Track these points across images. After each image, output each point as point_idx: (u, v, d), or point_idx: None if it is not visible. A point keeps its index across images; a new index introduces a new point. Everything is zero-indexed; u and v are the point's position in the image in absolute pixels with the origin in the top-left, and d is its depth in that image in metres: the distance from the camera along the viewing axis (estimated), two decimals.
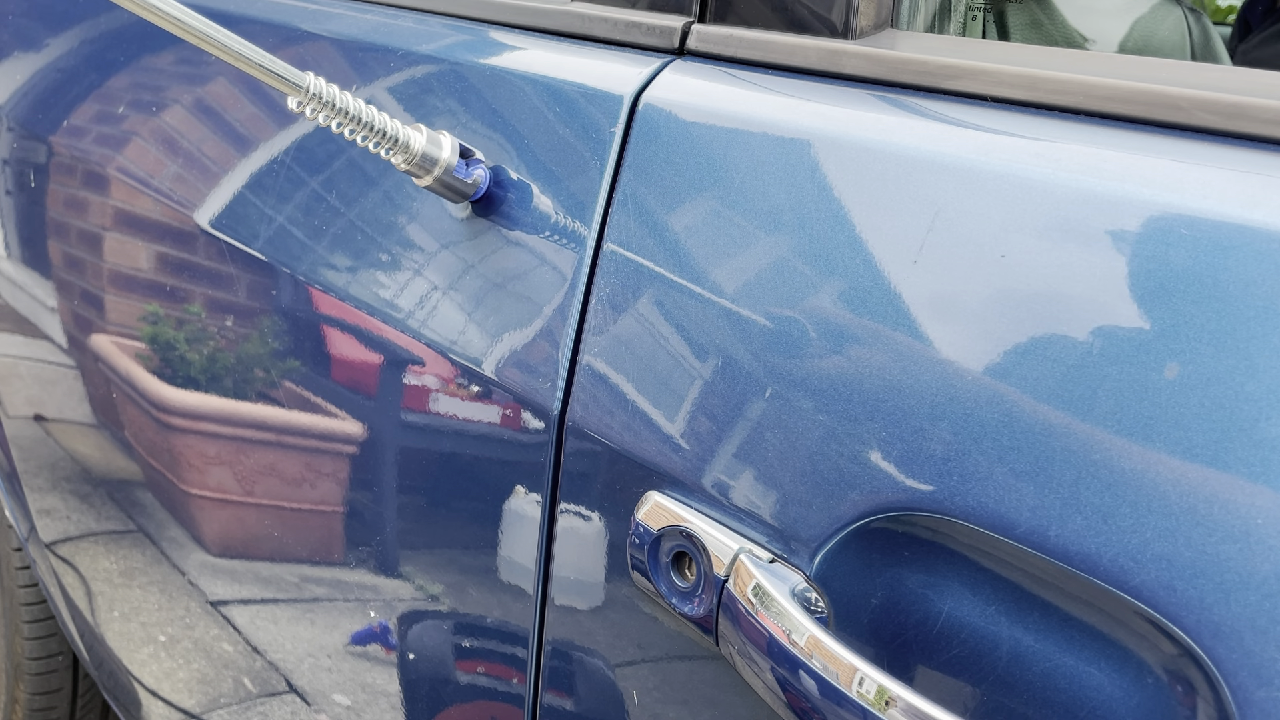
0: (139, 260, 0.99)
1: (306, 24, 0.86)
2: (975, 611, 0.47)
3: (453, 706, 0.72)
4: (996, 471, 0.45)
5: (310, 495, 0.81)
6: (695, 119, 0.60)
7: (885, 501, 0.48)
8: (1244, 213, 0.42)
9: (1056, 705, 0.44)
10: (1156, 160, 0.46)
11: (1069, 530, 0.42)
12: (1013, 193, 0.47)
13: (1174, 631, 0.40)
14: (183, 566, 0.98)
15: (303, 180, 0.81)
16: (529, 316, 0.64)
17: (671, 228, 0.59)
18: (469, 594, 0.70)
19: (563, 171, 0.65)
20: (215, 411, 0.89)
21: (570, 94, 0.66)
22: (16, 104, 1.17)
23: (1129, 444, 0.42)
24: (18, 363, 1.23)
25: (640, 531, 0.56)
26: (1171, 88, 0.48)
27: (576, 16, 0.72)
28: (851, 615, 0.50)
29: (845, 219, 0.52)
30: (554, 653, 0.64)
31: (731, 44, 0.64)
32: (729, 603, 0.52)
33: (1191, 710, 0.41)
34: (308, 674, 0.85)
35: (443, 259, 0.71)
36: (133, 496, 1.05)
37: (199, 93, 0.94)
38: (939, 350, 0.47)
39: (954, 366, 0.47)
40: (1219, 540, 0.39)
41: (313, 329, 0.80)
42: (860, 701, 0.45)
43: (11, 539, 1.43)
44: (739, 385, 0.54)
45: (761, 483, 0.53)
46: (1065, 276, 0.45)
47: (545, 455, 0.63)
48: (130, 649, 1.12)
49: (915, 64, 0.56)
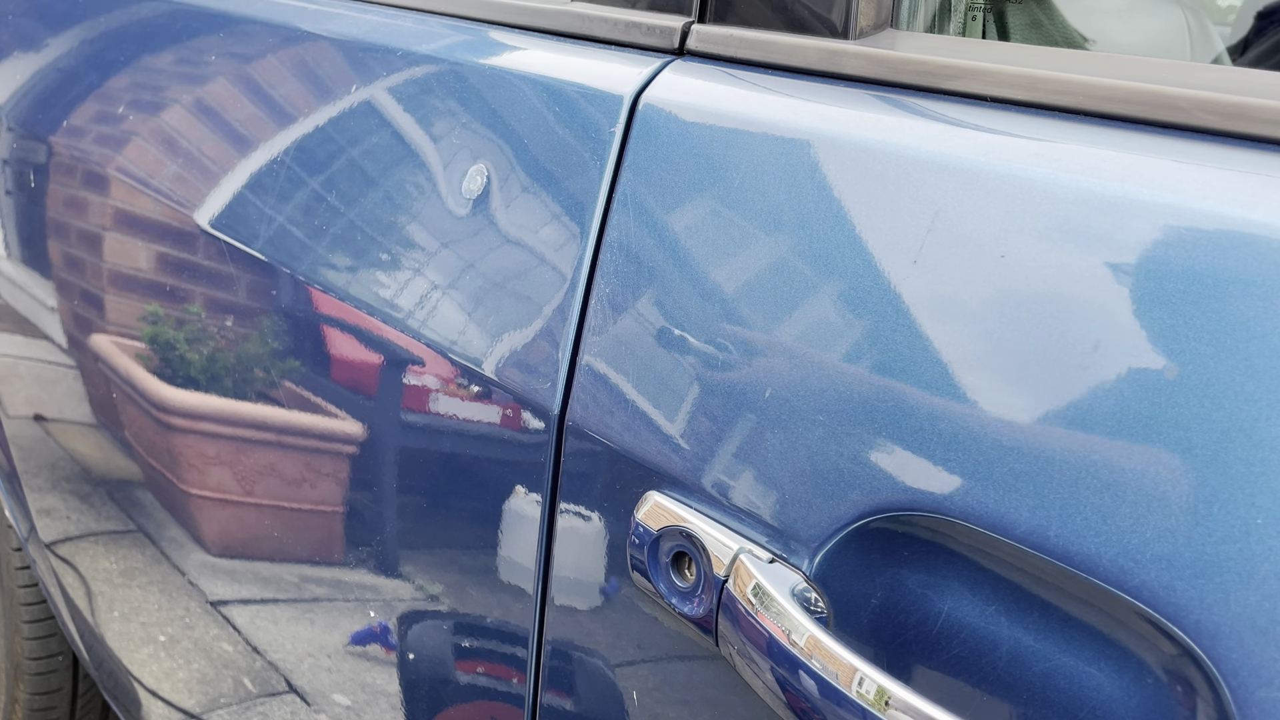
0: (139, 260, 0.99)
1: (306, 24, 0.86)
2: (975, 611, 0.47)
3: (453, 706, 0.72)
4: (996, 471, 0.45)
5: (310, 495, 0.81)
6: (695, 119, 0.60)
7: (885, 501, 0.48)
8: (1244, 213, 0.42)
9: (1056, 705, 0.44)
10: (1156, 160, 0.46)
11: (1069, 530, 0.42)
12: (1012, 193, 0.47)
13: (1174, 631, 0.40)
14: (183, 566, 0.98)
15: (303, 180, 0.81)
16: (529, 316, 0.64)
17: (671, 228, 0.59)
18: (469, 594, 0.70)
19: (562, 171, 0.65)
20: (215, 411, 0.89)
21: (570, 94, 0.66)
22: (16, 104, 1.17)
23: (1129, 444, 0.42)
24: (18, 363, 1.23)
25: (640, 531, 0.56)
26: (1171, 88, 0.48)
27: (576, 16, 0.72)
28: (851, 615, 0.50)
29: (845, 219, 0.52)
30: (554, 653, 0.64)
31: (731, 44, 0.64)
32: (729, 603, 0.52)
33: (1191, 710, 0.41)
34: (308, 674, 0.85)
35: (443, 259, 0.71)
36: (133, 496, 1.05)
37: (199, 93, 0.94)
38: (939, 350, 0.47)
39: (954, 366, 0.47)
40: (1219, 540, 0.39)
41: (313, 329, 0.80)
42: (860, 701, 0.45)
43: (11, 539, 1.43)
44: (739, 385, 0.54)
45: (761, 483, 0.53)
46: (1065, 277, 0.45)
47: (545, 455, 0.63)
48: (130, 649, 1.12)
49: (915, 64, 0.56)
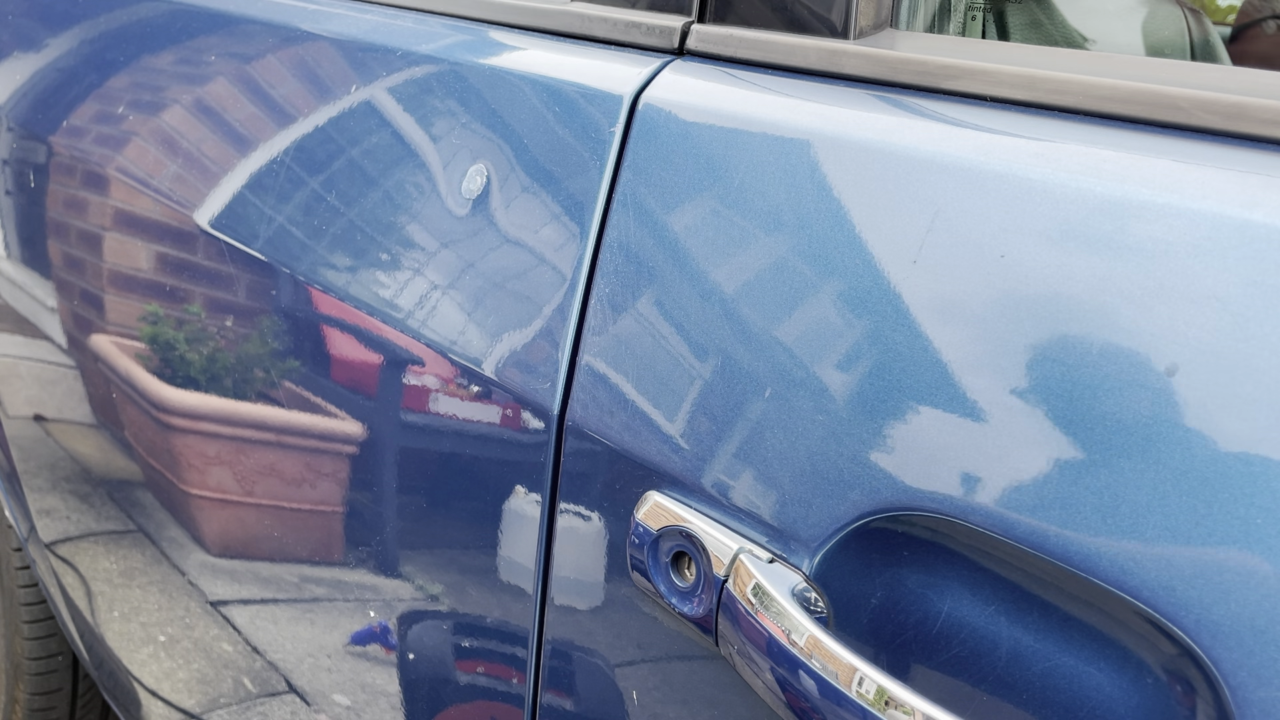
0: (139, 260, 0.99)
1: (306, 24, 0.86)
2: (975, 611, 0.47)
3: (453, 706, 0.72)
4: (996, 471, 0.45)
5: (310, 495, 0.81)
6: (695, 119, 0.60)
7: (885, 501, 0.48)
8: (1244, 213, 0.42)
9: (1056, 705, 0.44)
10: (1156, 160, 0.46)
11: (1069, 530, 0.42)
12: (1012, 193, 0.47)
13: (1174, 631, 0.40)
14: (183, 566, 0.98)
15: (303, 180, 0.81)
16: (529, 316, 0.64)
17: (671, 228, 0.59)
18: (469, 594, 0.70)
19: (562, 171, 0.65)
20: (215, 411, 0.89)
21: (570, 94, 0.66)
22: (16, 104, 1.17)
23: (1129, 444, 0.42)
24: (18, 363, 1.23)
25: (640, 531, 0.56)
26: (1171, 88, 0.48)
27: (576, 16, 0.72)
28: (851, 615, 0.50)
29: (845, 219, 0.52)
30: (554, 653, 0.64)
31: (731, 44, 0.64)
32: (728, 603, 0.52)
33: (1191, 710, 0.41)
34: (308, 674, 0.85)
35: (443, 259, 0.71)
36: (133, 496, 1.05)
37: (199, 93, 0.94)
38: (939, 350, 0.47)
39: (954, 366, 0.47)
40: (1219, 540, 0.39)
41: (313, 329, 0.80)
42: (860, 701, 0.45)
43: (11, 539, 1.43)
44: (739, 385, 0.54)
45: (761, 483, 0.53)
46: (1065, 276, 0.45)
47: (545, 455, 0.63)
48: (130, 649, 1.12)
49: (915, 64, 0.56)
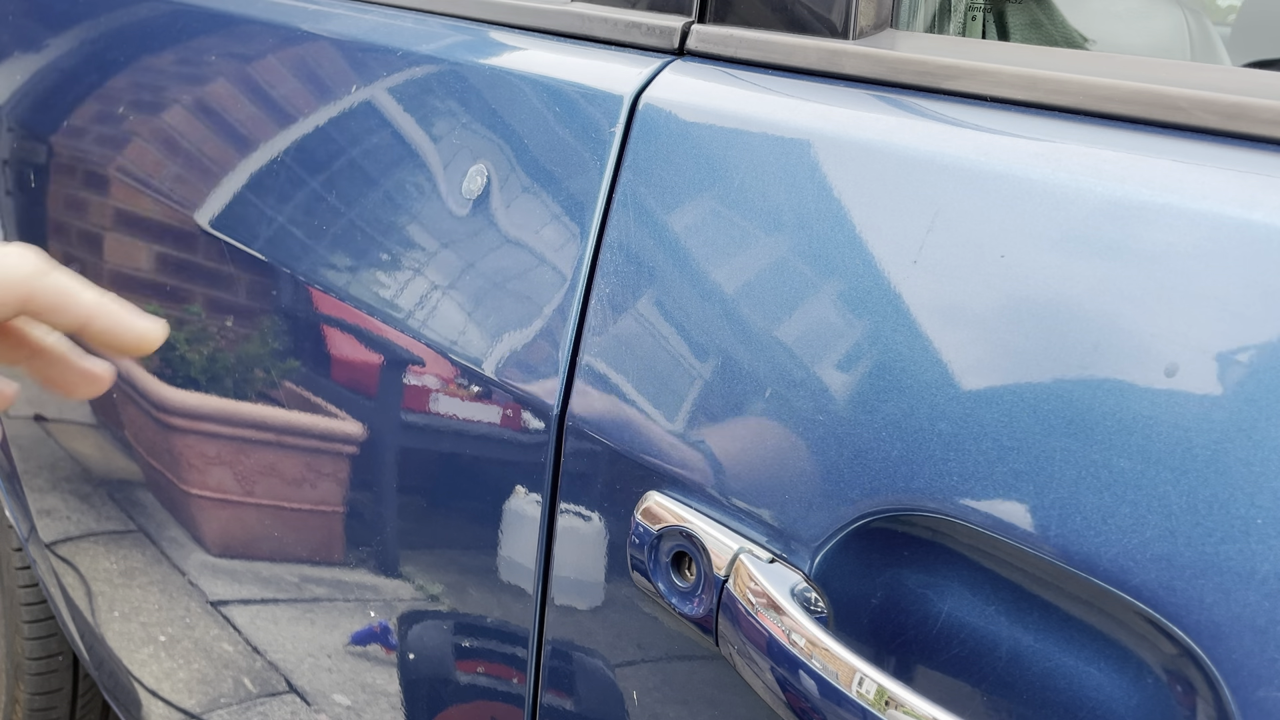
0: (139, 260, 0.99)
1: (306, 24, 0.86)
2: (975, 611, 0.47)
3: (453, 706, 0.72)
4: (996, 471, 0.45)
5: (310, 495, 0.81)
6: (695, 119, 0.60)
7: (885, 501, 0.48)
8: (1244, 213, 0.42)
9: (1056, 705, 0.44)
10: (1156, 160, 0.46)
11: (1069, 530, 0.42)
12: (1013, 193, 0.47)
13: (1174, 631, 0.40)
14: (183, 566, 0.98)
15: (303, 180, 0.81)
16: (529, 316, 0.64)
17: (671, 228, 0.59)
18: (469, 594, 0.70)
19: (563, 171, 0.65)
20: (215, 411, 0.89)
21: (570, 94, 0.66)
22: (16, 104, 1.17)
23: (1129, 444, 0.42)
24: None
25: (640, 531, 0.56)
26: (1171, 88, 0.48)
27: (576, 16, 0.72)
28: (851, 615, 0.50)
29: (845, 219, 0.52)
30: (554, 653, 0.64)
31: (731, 44, 0.64)
32: (729, 603, 0.52)
33: (1191, 710, 0.41)
34: (308, 674, 0.85)
35: (443, 259, 0.71)
36: (133, 496, 1.05)
37: (199, 93, 0.94)
38: (939, 350, 0.47)
39: (954, 366, 0.47)
40: (1219, 540, 0.39)
41: (313, 329, 0.80)
42: (860, 701, 0.45)
43: (11, 539, 1.43)
44: (739, 385, 0.54)
45: (761, 483, 0.53)
46: (1065, 276, 0.45)
47: (545, 455, 0.63)
48: (130, 649, 1.12)
49: (915, 64, 0.56)
